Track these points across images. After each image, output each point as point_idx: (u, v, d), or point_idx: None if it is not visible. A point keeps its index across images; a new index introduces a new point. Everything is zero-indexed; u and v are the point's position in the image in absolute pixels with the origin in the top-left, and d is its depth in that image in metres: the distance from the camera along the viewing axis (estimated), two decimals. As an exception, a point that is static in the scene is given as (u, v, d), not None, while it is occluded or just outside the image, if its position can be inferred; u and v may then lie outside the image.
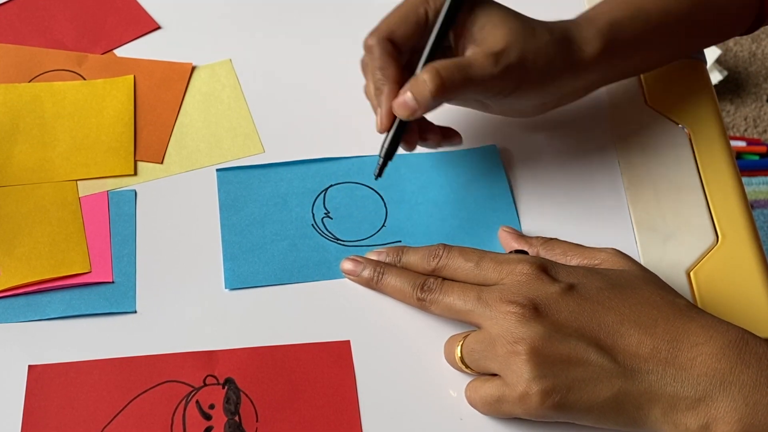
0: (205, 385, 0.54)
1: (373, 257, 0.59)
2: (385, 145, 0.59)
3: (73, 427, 0.53)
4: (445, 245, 0.57)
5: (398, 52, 0.58)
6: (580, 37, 0.60)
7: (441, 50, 0.58)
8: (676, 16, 0.63)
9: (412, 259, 0.58)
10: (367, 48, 0.58)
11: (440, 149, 0.64)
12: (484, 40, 0.57)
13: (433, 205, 0.63)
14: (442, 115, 0.66)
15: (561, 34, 0.59)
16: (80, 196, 0.62)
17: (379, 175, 0.60)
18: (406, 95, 0.56)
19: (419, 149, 0.65)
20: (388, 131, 0.59)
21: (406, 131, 0.59)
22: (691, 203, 0.63)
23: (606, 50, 0.60)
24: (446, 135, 0.62)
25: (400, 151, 0.60)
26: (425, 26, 0.58)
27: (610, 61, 0.61)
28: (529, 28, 0.58)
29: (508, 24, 0.57)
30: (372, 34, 0.58)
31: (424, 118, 0.61)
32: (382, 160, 0.59)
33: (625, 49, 0.62)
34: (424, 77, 0.55)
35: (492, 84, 0.57)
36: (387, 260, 0.59)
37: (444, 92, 0.56)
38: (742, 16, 0.67)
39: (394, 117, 0.58)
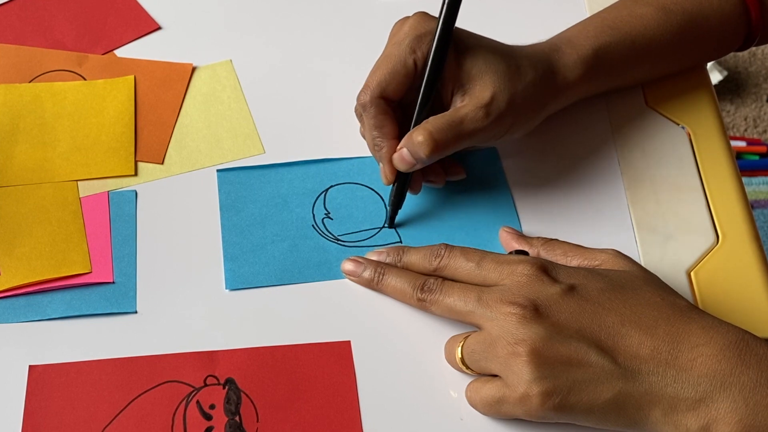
0: (206, 385, 0.54)
1: (374, 257, 0.59)
2: (392, 197, 0.61)
3: (73, 427, 0.53)
4: (447, 245, 0.57)
5: (392, 106, 0.59)
6: (563, 65, 0.61)
7: (432, 98, 0.59)
8: (661, 42, 0.64)
9: (414, 258, 0.58)
10: (362, 105, 0.59)
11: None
12: (472, 90, 0.58)
13: (433, 206, 0.63)
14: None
15: (544, 65, 0.61)
16: (81, 196, 0.62)
17: (391, 225, 0.62)
18: (403, 151, 0.58)
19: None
20: (394, 183, 0.61)
21: (411, 178, 0.61)
22: (691, 203, 0.63)
23: (588, 74, 0.62)
24: (450, 172, 0.63)
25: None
26: (415, 77, 0.59)
27: (593, 83, 0.63)
28: (514, 68, 0.59)
29: (493, 68, 0.59)
30: (365, 91, 0.59)
31: None
32: (391, 209, 0.61)
33: (608, 72, 0.64)
34: (418, 138, 0.57)
35: (484, 134, 0.59)
36: (387, 260, 0.59)
37: (438, 152, 0.58)
38: (730, 38, 0.68)
39: (396, 170, 0.60)
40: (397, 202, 0.61)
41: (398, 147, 0.59)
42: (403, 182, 0.60)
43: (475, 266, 0.55)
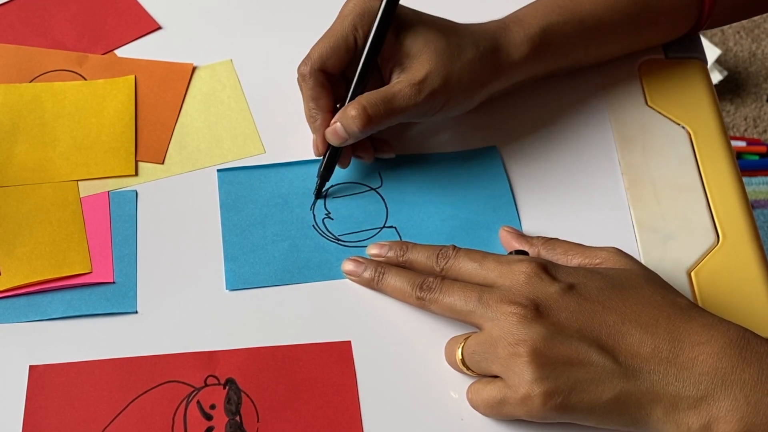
0: (206, 385, 0.54)
1: (375, 250, 0.59)
2: (321, 168, 0.62)
3: (73, 427, 0.53)
4: (455, 247, 0.57)
5: (330, 80, 0.61)
6: (508, 42, 0.62)
7: (370, 75, 0.61)
8: (610, 22, 0.64)
9: (418, 257, 0.58)
10: (301, 76, 0.61)
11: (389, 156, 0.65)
12: (409, 68, 0.60)
13: (433, 205, 0.63)
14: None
15: (488, 43, 0.61)
16: (81, 196, 0.62)
17: (318, 195, 0.63)
18: (336, 126, 0.60)
19: (420, 149, 0.66)
20: (324, 155, 0.62)
21: (340, 152, 0.62)
22: (691, 203, 0.63)
23: (535, 54, 0.63)
24: (379, 149, 0.64)
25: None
26: (355, 53, 0.60)
27: (540, 63, 0.64)
28: (455, 47, 0.60)
29: (432, 46, 0.60)
30: (305, 63, 0.60)
31: None
32: (319, 180, 0.62)
33: (556, 52, 0.64)
34: (351, 113, 0.58)
35: (417, 110, 0.60)
36: (390, 254, 0.59)
37: (370, 126, 0.59)
38: (681, 19, 0.68)
39: (328, 143, 0.61)
40: (325, 174, 0.62)
41: (332, 121, 0.60)
42: (333, 155, 0.62)
43: (478, 266, 0.55)
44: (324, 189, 0.63)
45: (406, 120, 0.61)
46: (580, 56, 0.66)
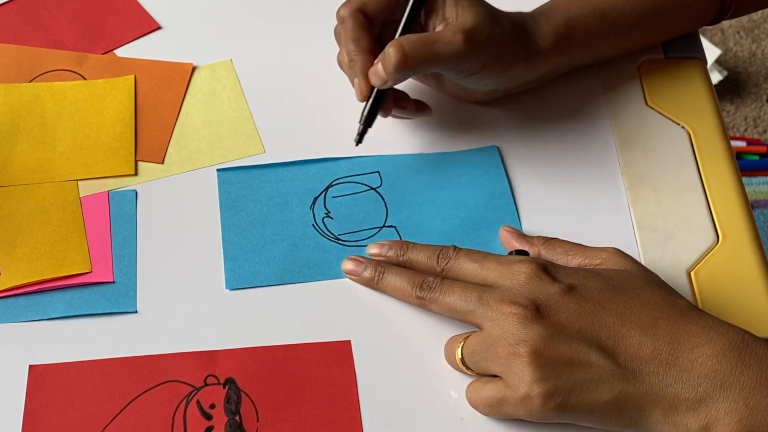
0: (206, 384, 0.54)
1: (375, 250, 0.59)
2: (365, 113, 0.62)
3: (73, 426, 0.53)
4: (455, 247, 0.57)
5: (370, 23, 0.61)
6: (536, 31, 0.63)
7: (414, 25, 0.61)
8: (631, 15, 0.65)
9: (419, 256, 0.58)
10: (340, 19, 0.61)
11: (416, 117, 0.66)
12: (455, 18, 0.60)
13: (433, 205, 0.63)
14: (439, 116, 0.66)
15: (520, 25, 0.62)
16: (81, 196, 0.62)
17: (360, 141, 0.63)
18: (377, 66, 0.59)
19: (420, 148, 0.66)
20: (367, 100, 0.61)
21: (384, 99, 0.62)
22: (691, 203, 0.63)
23: (559, 45, 0.63)
24: (419, 107, 0.65)
25: (383, 123, 0.63)
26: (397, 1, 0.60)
27: (564, 55, 0.64)
28: (494, 15, 0.61)
29: (476, 6, 0.60)
30: (345, 5, 0.60)
31: (398, 89, 0.64)
32: (362, 126, 0.62)
33: (579, 45, 0.64)
34: (389, 50, 0.58)
35: (458, 62, 0.59)
36: (390, 253, 0.59)
37: (406, 65, 0.58)
38: (703, 10, 0.68)
39: (371, 86, 0.61)
40: (369, 119, 0.62)
41: (375, 62, 0.60)
42: (377, 100, 0.61)
43: (478, 266, 0.55)
44: (363, 133, 0.62)
45: (443, 71, 0.61)
46: (603, 49, 0.67)
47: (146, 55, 0.70)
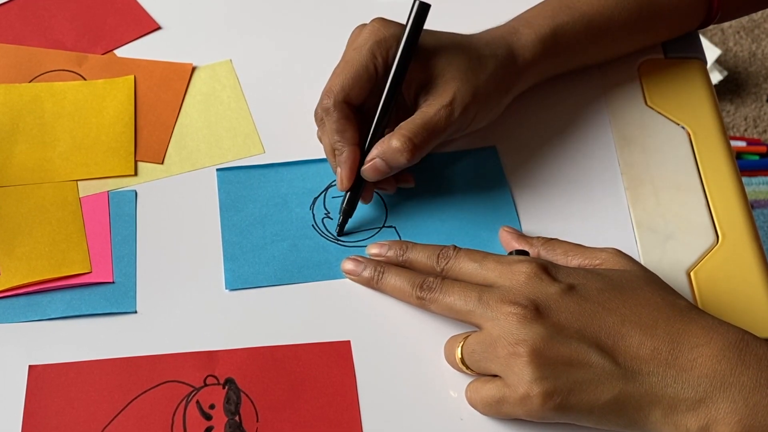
0: (206, 385, 0.54)
1: (375, 250, 0.59)
2: (344, 204, 0.61)
3: (73, 427, 0.53)
4: (455, 247, 0.57)
5: (354, 113, 0.60)
6: (521, 45, 0.62)
7: (395, 103, 0.60)
8: (618, 21, 0.65)
9: (419, 256, 0.58)
10: (325, 110, 0.59)
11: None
12: (436, 90, 0.59)
13: (433, 205, 0.63)
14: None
15: (504, 50, 0.61)
16: (80, 196, 0.62)
17: (341, 231, 0.61)
18: (377, 161, 0.58)
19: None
20: (347, 191, 0.60)
21: (364, 186, 0.61)
22: (691, 203, 0.63)
23: (546, 54, 0.63)
24: (400, 180, 0.63)
25: None
26: (376, 82, 0.59)
27: (552, 62, 0.64)
28: (475, 61, 0.60)
29: (454, 65, 0.59)
30: (328, 95, 0.59)
31: None
32: (342, 218, 0.61)
33: (567, 51, 0.64)
34: (395, 144, 0.57)
35: (453, 128, 0.59)
36: (389, 253, 0.59)
37: (418, 155, 0.58)
38: (691, 14, 0.68)
39: (355, 177, 0.59)
40: (348, 210, 0.61)
41: (370, 157, 0.59)
42: (356, 190, 0.60)
43: (478, 266, 0.55)
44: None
45: (443, 140, 0.60)
46: (590, 54, 0.67)
47: (146, 55, 0.70)
